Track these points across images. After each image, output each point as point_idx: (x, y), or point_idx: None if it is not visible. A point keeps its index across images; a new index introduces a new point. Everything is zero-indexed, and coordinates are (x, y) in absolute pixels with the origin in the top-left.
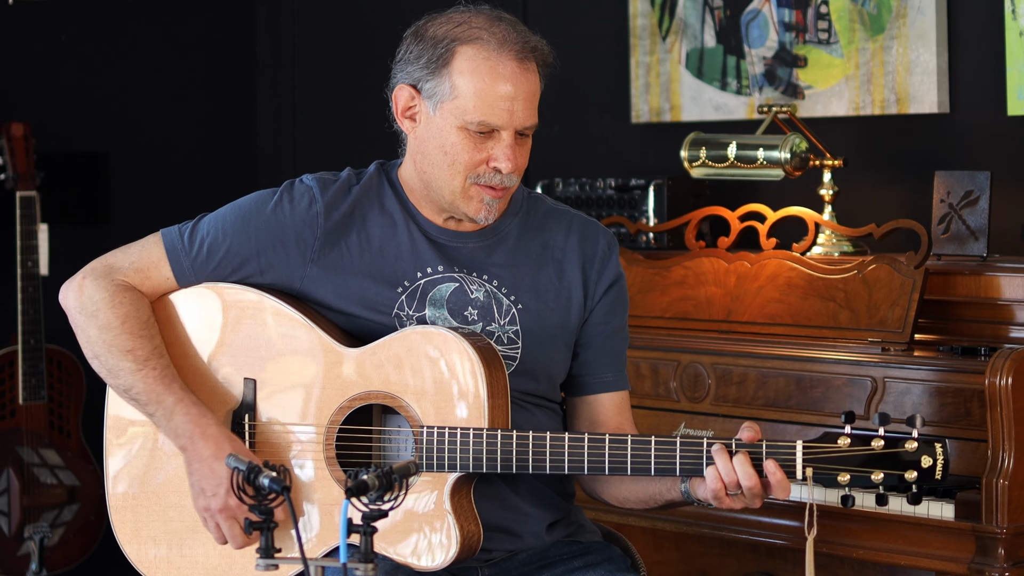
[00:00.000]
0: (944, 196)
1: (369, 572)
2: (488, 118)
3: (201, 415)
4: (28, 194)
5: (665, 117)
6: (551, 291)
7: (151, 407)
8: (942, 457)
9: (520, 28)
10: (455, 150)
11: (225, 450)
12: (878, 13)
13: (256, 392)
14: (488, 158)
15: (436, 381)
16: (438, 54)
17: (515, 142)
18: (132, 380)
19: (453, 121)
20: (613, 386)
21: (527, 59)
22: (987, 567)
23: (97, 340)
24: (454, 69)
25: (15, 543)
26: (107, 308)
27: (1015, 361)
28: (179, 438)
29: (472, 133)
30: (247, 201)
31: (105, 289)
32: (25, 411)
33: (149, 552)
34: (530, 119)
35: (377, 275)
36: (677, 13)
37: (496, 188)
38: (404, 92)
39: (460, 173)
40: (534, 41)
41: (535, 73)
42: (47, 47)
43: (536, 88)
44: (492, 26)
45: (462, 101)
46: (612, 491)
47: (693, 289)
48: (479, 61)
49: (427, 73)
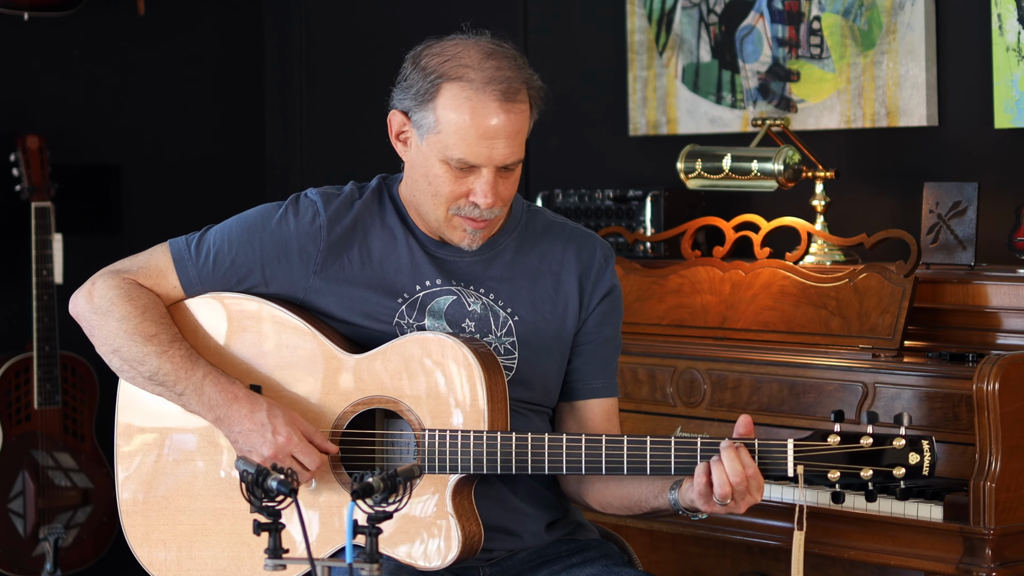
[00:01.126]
0: (933, 207)
1: (374, 572)
2: (467, 157)
3: (229, 382)
4: (43, 205)
5: (662, 130)
6: (547, 303)
7: (180, 385)
8: (929, 454)
9: (511, 63)
10: (438, 181)
11: (259, 403)
12: (869, 29)
13: None
14: (468, 192)
15: (437, 385)
16: (425, 87)
17: (497, 177)
18: (159, 363)
19: (436, 154)
20: (602, 393)
21: (511, 99)
22: (975, 567)
23: (117, 332)
24: (438, 104)
25: (30, 544)
26: (123, 301)
27: (1002, 367)
28: (213, 409)
29: (453, 168)
30: (253, 214)
31: (118, 287)
32: (40, 415)
33: (159, 555)
34: (511, 157)
35: (378, 287)
36: (673, 29)
37: (477, 220)
38: (397, 117)
39: (442, 204)
40: (524, 76)
41: (520, 111)
42: (61, 62)
43: (520, 125)
44: (483, 62)
45: (444, 137)
46: (595, 495)
47: (689, 297)
48: (461, 100)
49: (416, 104)
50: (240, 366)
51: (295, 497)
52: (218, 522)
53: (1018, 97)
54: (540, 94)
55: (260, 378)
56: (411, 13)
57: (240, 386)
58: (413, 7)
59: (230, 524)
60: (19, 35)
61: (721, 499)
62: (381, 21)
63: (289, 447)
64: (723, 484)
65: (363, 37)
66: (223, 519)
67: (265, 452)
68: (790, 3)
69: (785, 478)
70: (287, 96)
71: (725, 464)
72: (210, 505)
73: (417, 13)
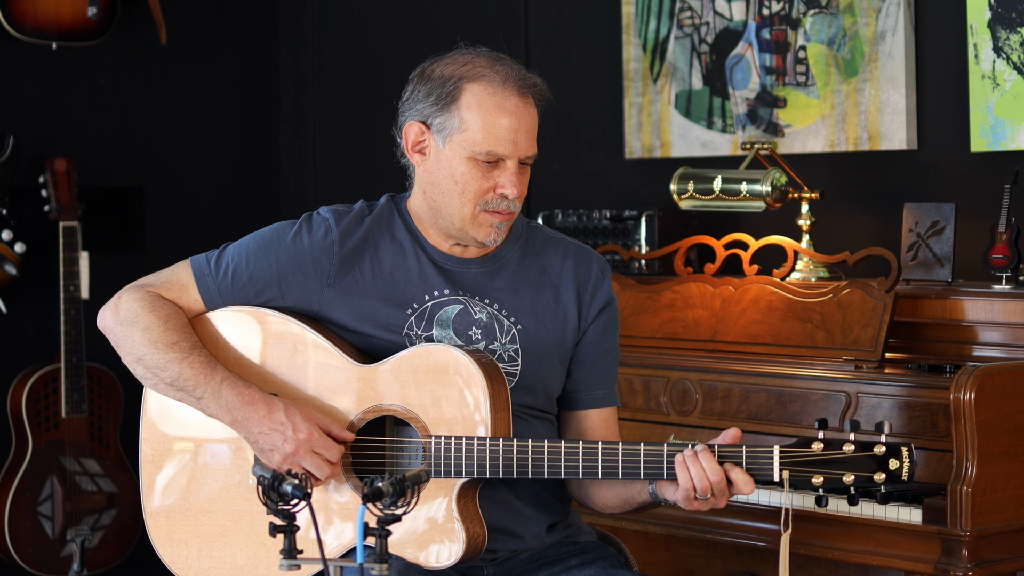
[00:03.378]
0: (912, 226)
1: (384, 571)
2: (495, 148)
3: (246, 387)
4: (70, 224)
5: (656, 153)
6: (548, 313)
7: (200, 389)
8: (908, 460)
9: (518, 67)
10: (465, 179)
11: (276, 405)
12: (852, 58)
13: None
14: (495, 186)
15: (444, 394)
16: (447, 91)
17: (518, 170)
18: (180, 368)
19: (462, 152)
20: (603, 402)
21: (527, 95)
22: (952, 567)
23: (141, 341)
24: (462, 104)
25: (59, 545)
26: (147, 312)
27: (978, 378)
28: (230, 412)
29: (480, 163)
30: (269, 231)
31: (142, 300)
32: (68, 424)
33: (181, 554)
34: (531, 149)
35: (388, 298)
36: (667, 58)
37: (503, 213)
38: (414, 128)
39: (470, 201)
40: (532, 78)
41: (534, 107)
42: (88, 89)
43: (535, 121)
44: (494, 65)
45: (471, 134)
46: (595, 497)
47: (682, 312)
48: (485, 97)
49: (436, 109)
50: (257, 374)
51: (309, 501)
52: (237, 523)
53: (993, 122)
54: (543, 94)
55: (277, 386)
56: (418, 42)
57: (256, 390)
58: (420, 37)
59: (248, 525)
60: (48, 64)
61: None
62: (390, 51)
63: (310, 443)
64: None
65: (373, 66)
66: (241, 520)
67: (288, 448)
68: (777, 33)
69: (771, 482)
70: (301, 121)
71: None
72: (229, 507)
73: (423, 42)
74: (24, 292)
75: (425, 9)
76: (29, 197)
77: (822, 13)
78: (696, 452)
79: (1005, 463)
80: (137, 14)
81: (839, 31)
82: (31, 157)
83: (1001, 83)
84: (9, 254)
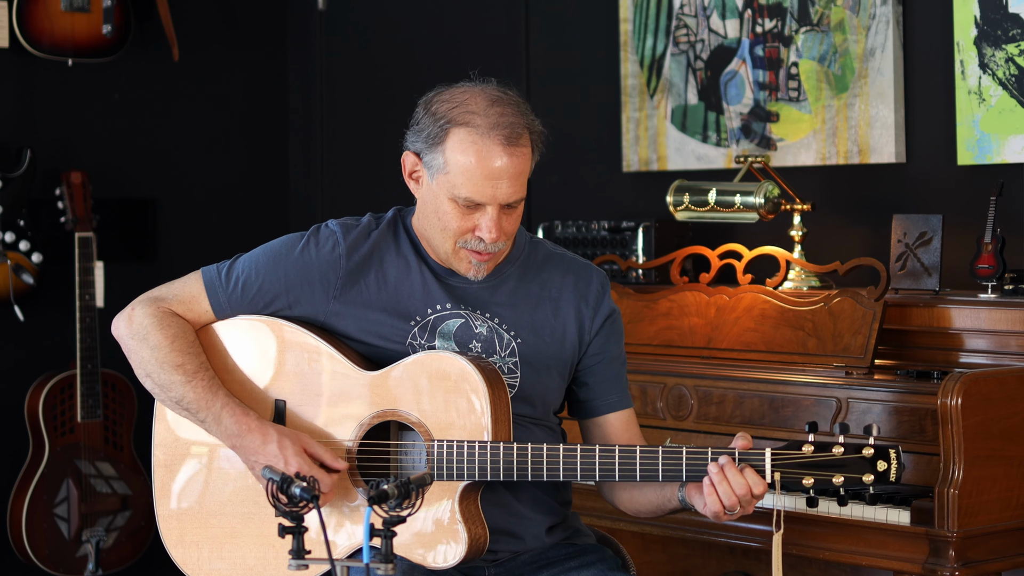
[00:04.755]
0: (901, 237)
1: (389, 571)
2: (473, 196)
3: (244, 414)
4: (86, 235)
5: (653, 166)
6: (547, 327)
7: (202, 413)
8: (896, 462)
9: (515, 109)
10: (446, 217)
11: (270, 436)
12: (842, 74)
13: (286, 412)
14: (474, 227)
15: (446, 400)
16: (435, 131)
17: (500, 213)
18: (183, 391)
19: (445, 192)
20: (618, 405)
21: (514, 143)
22: (939, 567)
23: (149, 359)
24: (447, 147)
25: (74, 545)
26: (156, 331)
27: (964, 384)
28: (229, 438)
29: (460, 205)
30: (278, 243)
31: (153, 315)
32: (83, 428)
33: (193, 555)
34: (514, 195)
35: (392, 310)
36: (663, 74)
37: (482, 253)
38: (410, 158)
39: (450, 238)
40: (526, 121)
41: (522, 154)
42: (102, 104)
43: (522, 167)
44: (488, 108)
45: (452, 177)
46: (625, 504)
47: (677, 320)
48: (467, 144)
49: (427, 146)
50: (268, 381)
51: (316, 503)
52: (246, 525)
53: (979, 136)
54: (541, 138)
55: (285, 392)
56: (423, 58)
57: (254, 417)
58: (425, 53)
59: (257, 527)
60: (64, 79)
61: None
62: (396, 67)
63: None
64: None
65: (379, 81)
66: (251, 522)
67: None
68: (770, 50)
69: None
70: (309, 135)
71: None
72: (239, 509)
73: (428, 59)
74: (41, 301)
75: (429, 26)
76: (46, 209)
77: (813, 31)
78: (722, 467)
79: (991, 466)
80: (150, 32)
81: (830, 48)
82: (48, 170)
83: (987, 98)
84: (26, 264)
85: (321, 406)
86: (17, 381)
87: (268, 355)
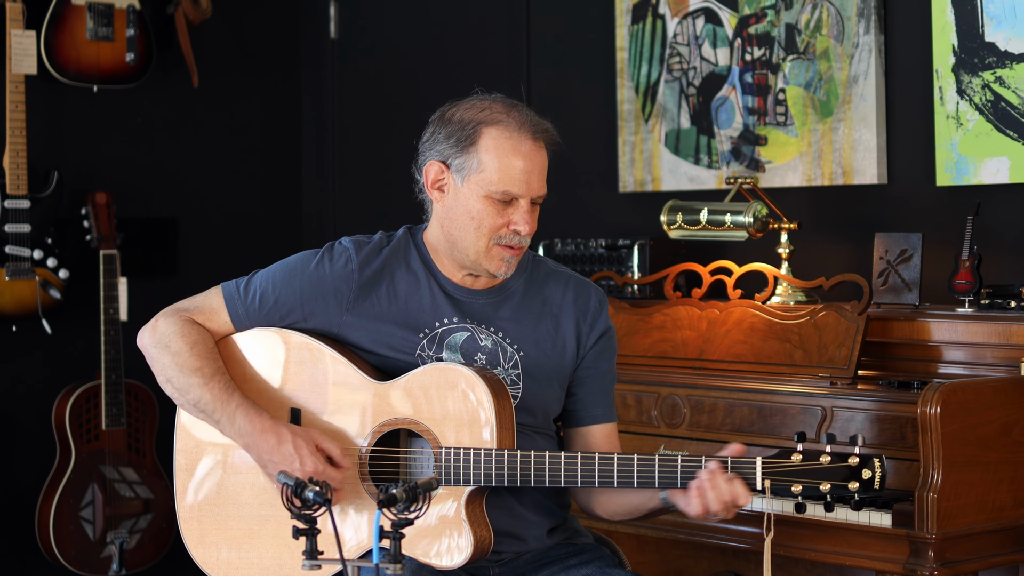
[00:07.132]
0: (883, 254)
1: (397, 571)
2: (510, 188)
3: (258, 415)
4: (110, 252)
5: (647, 187)
6: (548, 341)
7: (217, 414)
8: (880, 470)
9: (531, 113)
10: (480, 216)
11: (285, 436)
12: (827, 100)
13: (300, 419)
14: (509, 222)
15: (453, 409)
16: (466, 135)
17: (530, 208)
18: (200, 393)
19: (479, 191)
20: (603, 419)
21: (539, 139)
22: (919, 567)
23: (170, 364)
24: (481, 147)
25: (99, 547)
26: (177, 338)
27: (943, 393)
28: (242, 436)
29: (495, 201)
30: (294, 259)
31: (175, 324)
32: (107, 435)
33: (212, 555)
34: (542, 189)
35: (402, 322)
36: (658, 100)
37: (514, 247)
38: (434, 167)
39: (485, 235)
40: (544, 124)
41: (545, 151)
42: (126, 128)
43: (546, 163)
44: (510, 111)
45: (488, 174)
46: (602, 506)
47: (671, 332)
48: (502, 140)
49: (456, 151)
50: (282, 390)
51: (329, 506)
52: (263, 527)
53: (957, 159)
54: (554, 138)
55: (300, 400)
56: (429, 85)
57: (268, 418)
58: (432, 80)
59: (273, 529)
60: (89, 105)
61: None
62: (404, 92)
63: (315, 475)
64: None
65: (389, 107)
66: (267, 524)
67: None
68: (759, 77)
69: (755, 490)
70: (321, 157)
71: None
72: (256, 512)
73: (434, 84)
74: (67, 315)
75: (437, 55)
76: (72, 227)
77: (800, 59)
78: (713, 473)
79: (968, 471)
80: (171, 60)
81: (815, 75)
82: (74, 191)
83: (964, 123)
84: (54, 280)
85: (334, 413)
86: (45, 391)
87: (284, 365)
